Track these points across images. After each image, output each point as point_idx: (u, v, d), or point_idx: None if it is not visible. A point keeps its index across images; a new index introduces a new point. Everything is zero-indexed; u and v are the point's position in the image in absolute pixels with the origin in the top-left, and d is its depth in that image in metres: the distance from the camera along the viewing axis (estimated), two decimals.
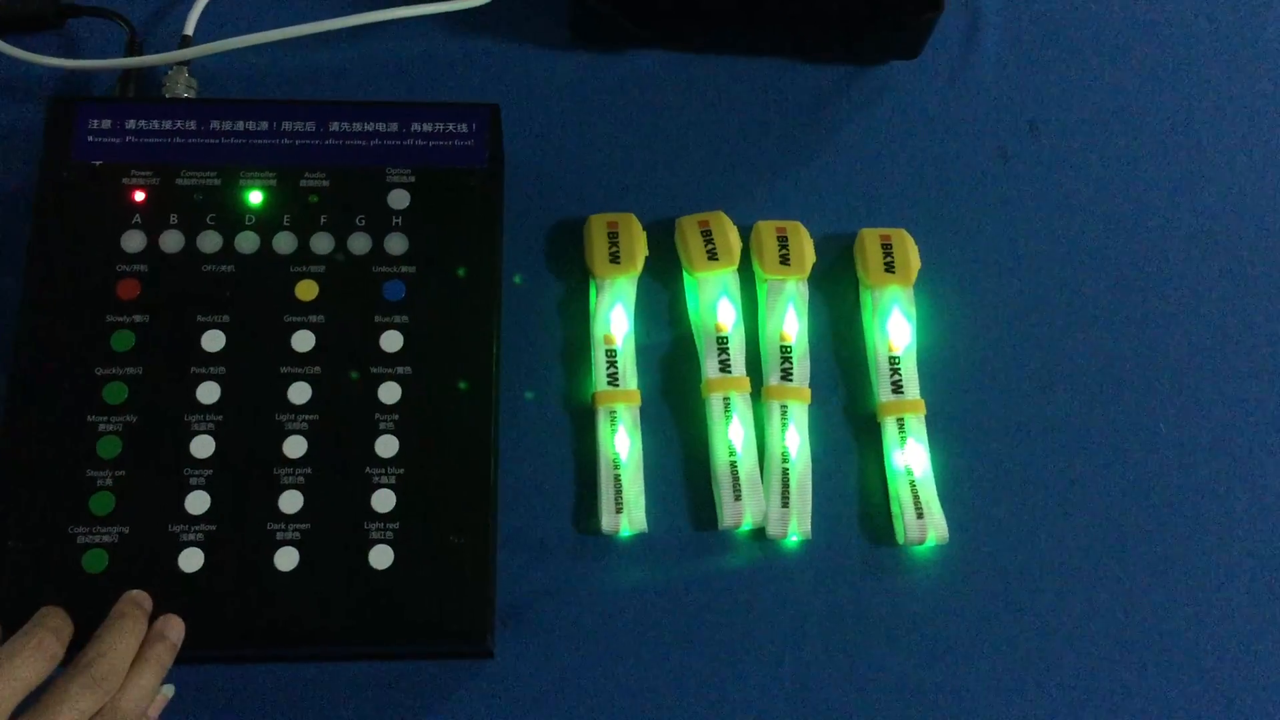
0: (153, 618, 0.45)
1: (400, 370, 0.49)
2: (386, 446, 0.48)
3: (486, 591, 0.46)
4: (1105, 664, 0.50)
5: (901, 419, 0.52)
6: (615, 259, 0.53)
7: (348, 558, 0.46)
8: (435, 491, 0.47)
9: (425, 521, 0.47)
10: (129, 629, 0.43)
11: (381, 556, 0.46)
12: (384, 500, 0.47)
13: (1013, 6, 0.61)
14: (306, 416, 0.48)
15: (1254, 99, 0.60)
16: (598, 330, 0.53)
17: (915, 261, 0.54)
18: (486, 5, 0.56)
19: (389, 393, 0.48)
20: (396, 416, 0.48)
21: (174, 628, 0.44)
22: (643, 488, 0.51)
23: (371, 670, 0.48)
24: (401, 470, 0.47)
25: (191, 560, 0.46)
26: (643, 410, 0.52)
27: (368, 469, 0.47)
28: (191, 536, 0.46)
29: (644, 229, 0.54)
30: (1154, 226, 0.57)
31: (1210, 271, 0.57)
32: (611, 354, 0.52)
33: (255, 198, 0.50)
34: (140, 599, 0.45)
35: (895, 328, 0.53)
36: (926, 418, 0.52)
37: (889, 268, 0.54)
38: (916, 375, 0.53)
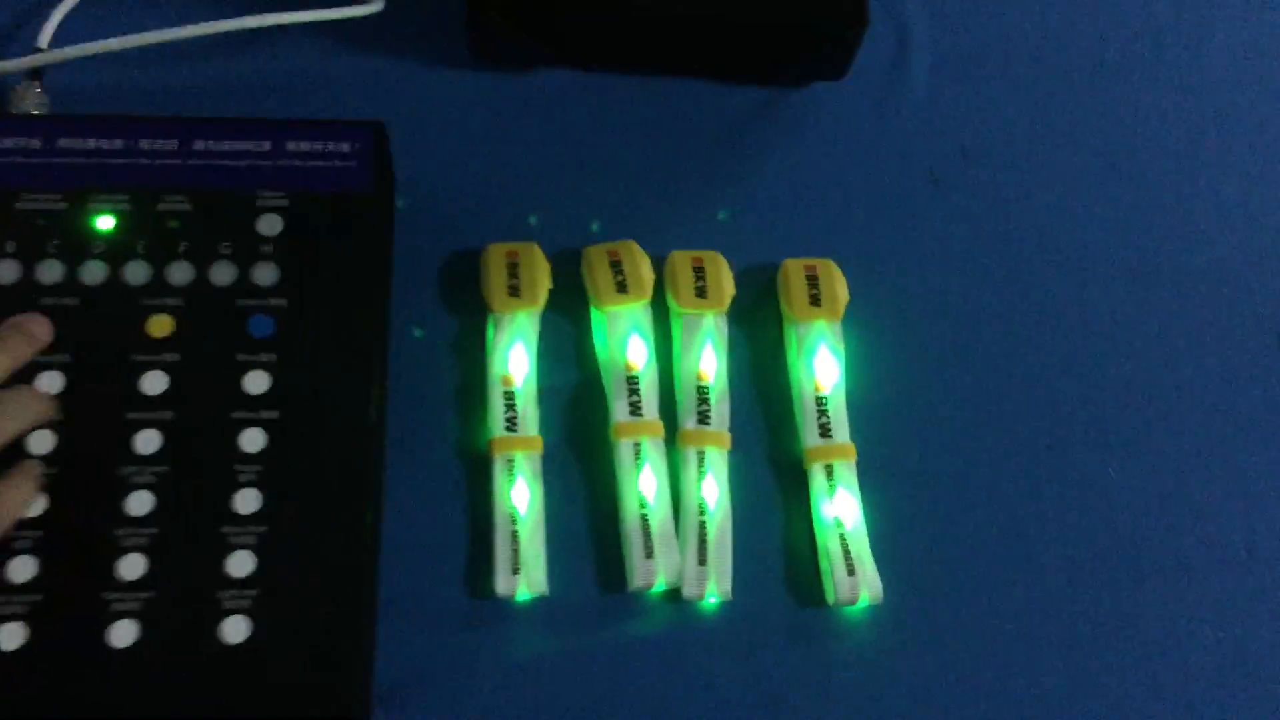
0: None
1: (265, 415, 0.43)
2: (246, 501, 0.42)
3: (362, 667, 0.41)
4: None
5: (830, 465, 0.48)
6: (515, 292, 0.49)
7: (197, 631, 0.40)
8: (303, 553, 0.42)
9: (290, 588, 0.41)
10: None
11: (236, 629, 0.40)
12: (241, 563, 0.41)
13: (943, 26, 0.58)
14: (154, 468, 0.42)
15: (1197, 124, 0.58)
16: (495, 370, 0.48)
17: (843, 294, 0.50)
18: (376, 15, 0.52)
19: (252, 440, 0.43)
20: (259, 467, 0.43)
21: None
22: (543, 545, 0.46)
23: None
24: (264, 528, 0.42)
25: (12, 637, 0.40)
26: (544, 458, 0.47)
27: (224, 528, 0.42)
28: (13, 609, 0.40)
29: (547, 259, 0.50)
30: (1094, 256, 0.54)
31: (1155, 304, 0.54)
32: (510, 396, 0.48)
33: (105, 223, 0.45)
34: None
35: (822, 365, 0.49)
36: (857, 464, 0.48)
37: (814, 300, 0.50)
38: (846, 417, 0.49)
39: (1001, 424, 0.50)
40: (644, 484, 0.47)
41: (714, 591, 0.46)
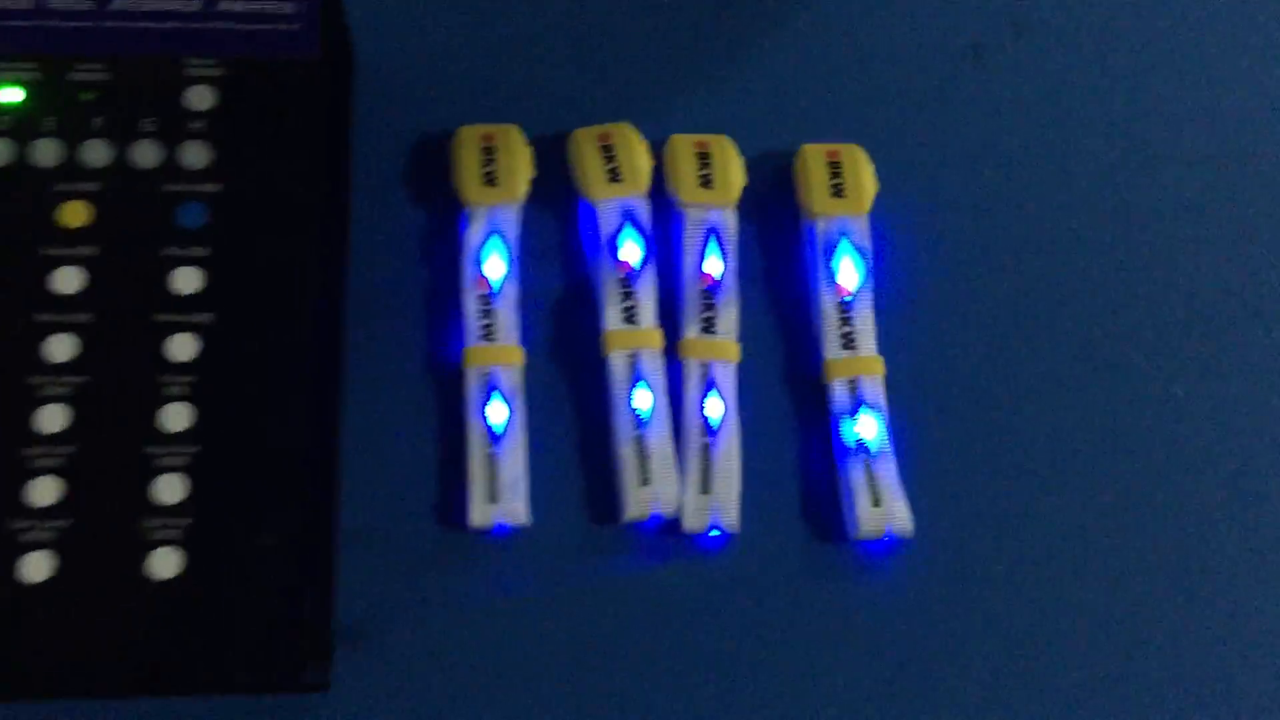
0: None
1: (198, 318, 0.38)
2: (175, 417, 0.37)
3: (320, 604, 0.37)
4: (1090, 675, 0.42)
5: (854, 381, 0.43)
6: (492, 181, 0.44)
7: (121, 564, 0.36)
8: (245, 476, 0.37)
9: (228, 516, 0.37)
10: None
11: (165, 562, 0.36)
12: (170, 488, 0.36)
13: None
14: (69, 378, 0.37)
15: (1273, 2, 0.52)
16: (469, 271, 0.43)
17: (870, 184, 0.45)
18: None
19: (182, 347, 0.38)
20: (191, 378, 0.38)
21: None
22: (525, 470, 0.41)
23: (170, 707, 0.38)
24: (197, 448, 0.37)
25: None
26: (526, 372, 0.43)
27: (149, 448, 0.37)
28: None
29: (529, 144, 0.45)
30: (1161, 144, 0.49)
31: (1231, 198, 0.48)
32: (486, 301, 0.43)
33: (9, 95, 0.40)
34: None
35: (846, 266, 0.44)
36: (885, 379, 0.44)
37: (838, 192, 0.45)
38: (873, 326, 0.44)
39: (1050, 335, 0.46)
40: (640, 400, 0.42)
41: (719, 523, 0.42)
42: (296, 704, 0.39)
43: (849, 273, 0.44)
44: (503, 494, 0.41)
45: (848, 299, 0.44)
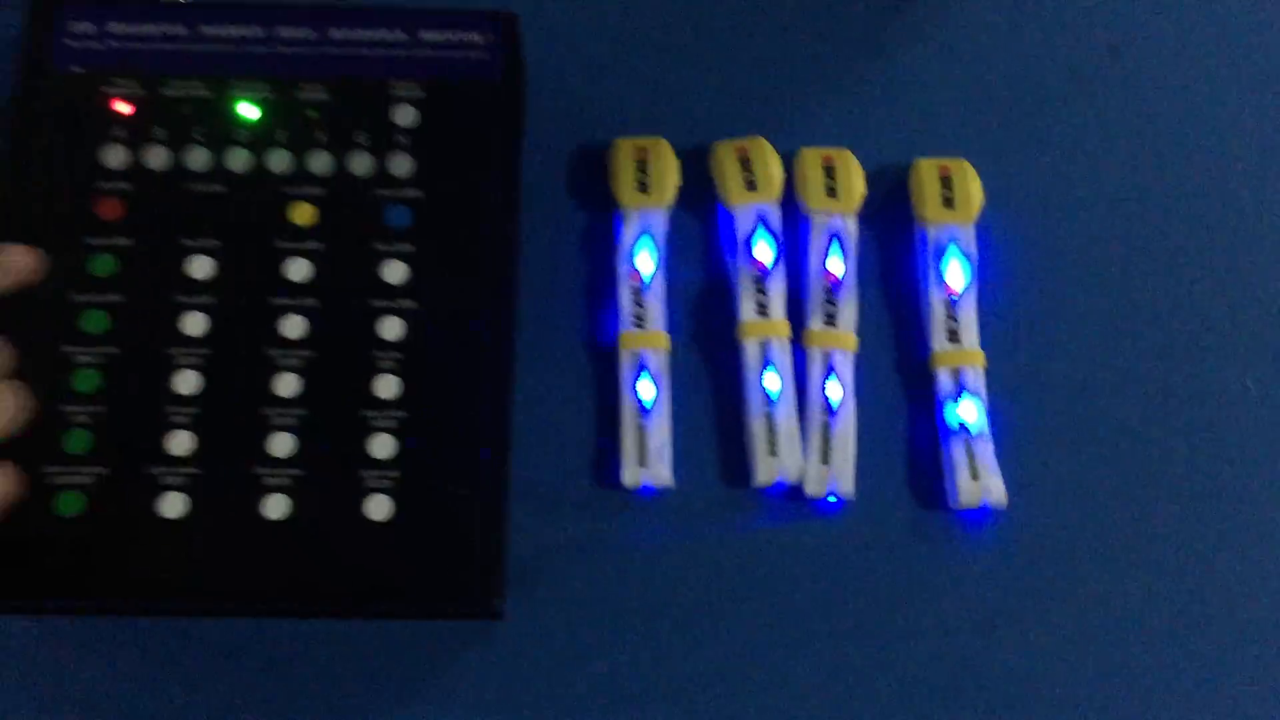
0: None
1: (404, 304, 0.44)
2: (387, 387, 0.43)
3: (497, 548, 0.43)
4: (1172, 645, 0.46)
5: (957, 370, 0.47)
6: (644, 188, 0.49)
7: (344, 507, 0.42)
8: (441, 437, 0.43)
9: (429, 470, 0.43)
10: None
11: (380, 507, 0.42)
12: (383, 445, 0.43)
13: None
14: (299, 353, 0.44)
15: None
16: (623, 266, 0.48)
17: (978, 196, 0.49)
18: None
19: (391, 328, 0.44)
20: (399, 354, 0.44)
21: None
22: (669, 439, 0.47)
23: (369, 629, 0.45)
24: (403, 413, 0.43)
25: (173, 505, 0.42)
26: (671, 355, 0.48)
27: (365, 411, 0.43)
28: (173, 480, 0.42)
29: (677, 155, 0.50)
30: (1249, 164, 0.52)
31: None
32: (638, 292, 0.48)
33: (248, 111, 0.46)
34: None
35: (953, 269, 0.48)
36: (986, 370, 0.48)
37: (948, 203, 0.49)
38: (976, 323, 0.48)
39: (1136, 334, 0.49)
40: (769, 382, 0.47)
41: (836, 490, 0.46)
42: (476, 629, 0.45)
43: (956, 275, 0.48)
44: (650, 459, 0.46)
45: (954, 298, 0.48)
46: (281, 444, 0.43)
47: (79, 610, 0.44)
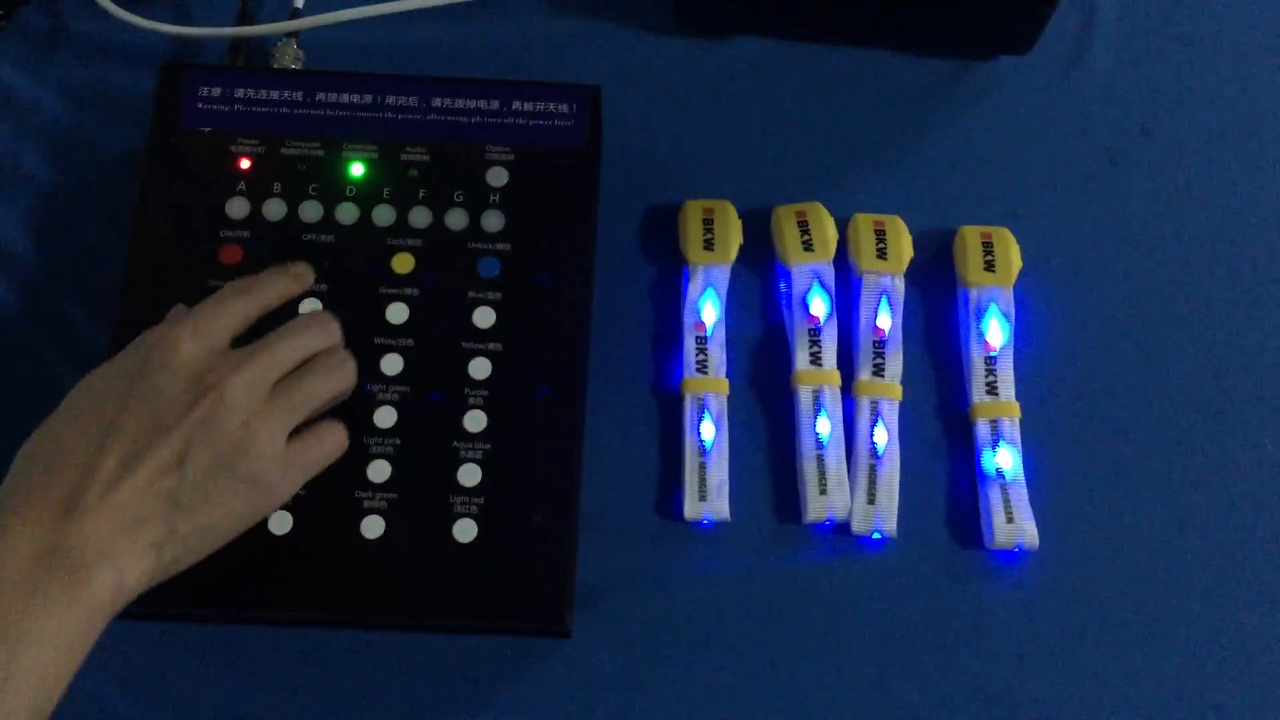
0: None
1: (492, 346, 0.49)
2: (475, 421, 0.48)
3: (567, 571, 0.47)
4: (1197, 687, 0.48)
5: (995, 421, 0.51)
6: (710, 246, 0.53)
7: (433, 529, 0.46)
8: (521, 469, 0.47)
9: (510, 498, 0.47)
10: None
11: (466, 530, 0.46)
12: (470, 474, 0.47)
13: (1128, 5, 0.59)
14: (398, 388, 0.48)
15: None
16: (689, 317, 0.52)
17: (1016, 261, 0.53)
18: None
19: (479, 369, 0.48)
20: (485, 392, 0.48)
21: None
22: (726, 476, 0.50)
23: (448, 643, 0.48)
24: (488, 446, 0.47)
25: (281, 524, 0.46)
26: (730, 399, 0.51)
27: (455, 443, 0.47)
28: (285, 503, 0.46)
29: (740, 217, 0.54)
30: (1269, 235, 0.55)
31: None
32: (702, 341, 0.52)
33: (357, 169, 0.51)
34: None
35: (992, 328, 0.52)
36: (1021, 421, 0.51)
37: (989, 266, 0.53)
38: (1012, 377, 0.52)
39: (1163, 392, 0.53)
40: (821, 427, 0.50)
41: (880, 528, 0.50)
42: (546, 646, 0.48)
43: (995, 333, 0.52)
44: (710, 495, 0.50)
45: (993, 354, 0.52)
46: (379, 471, 0.47)
47: (196, 619, 0.48)
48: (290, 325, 0.44)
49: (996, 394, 0.51)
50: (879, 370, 0.52)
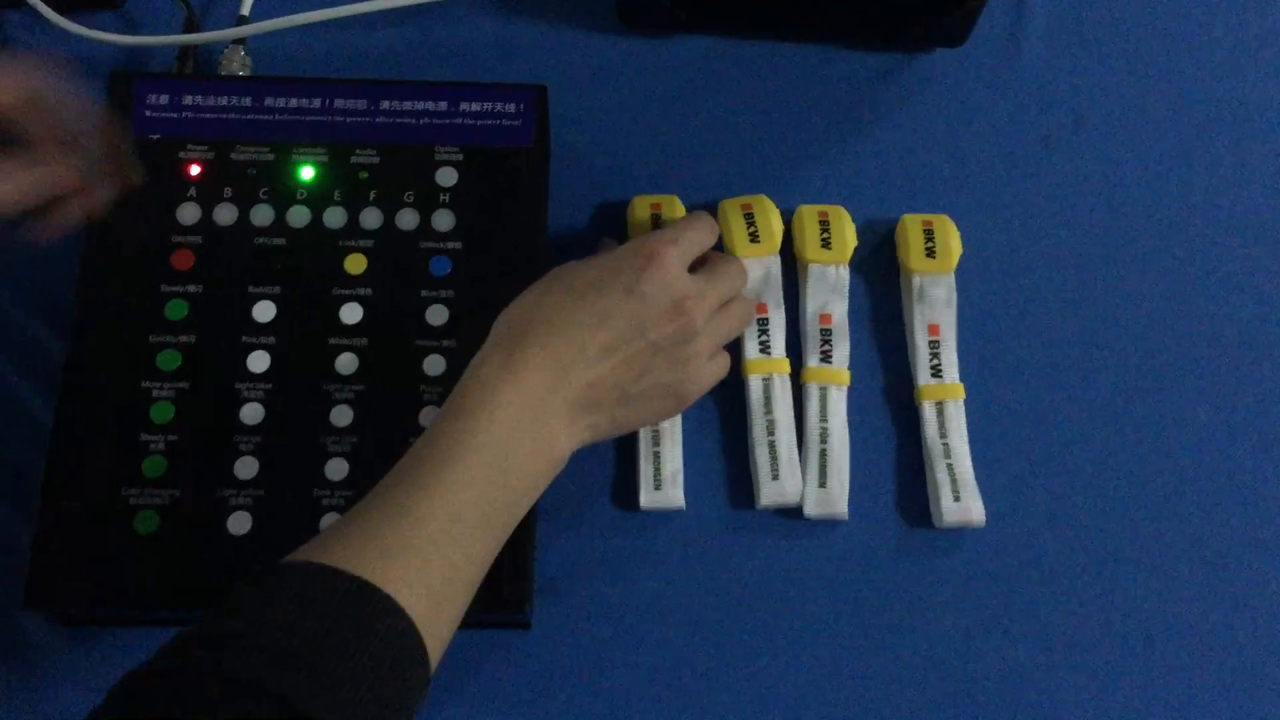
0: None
1: (445, 344, 0.50)
2: (430, 417, 0.48)
3: (526, 562, 0.47)
4: (1141, 649, 0.50)
5: (940, 403, 0.52)
6: None
7: None
8: None
9: None
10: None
11: None
12: None
13: None
14: (353, 387, 0.49)
15: None
16: None
17: (957, 247, 0.54)
18: None
19: (434, 365, 0.49)
20: (440, 389, 0.49)
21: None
22: (681, 465, 0.51)
23: None
24: None
25: (240, 523, 0.47)
26: None
27: (412, 439, 0.47)
28: (240, 500, 0.47)
29: (687, 210, 0.55)
30: (1198, 219, 0.57)
31: (1254, 264, 0.56)
32: None
33: (307, 173, 0.52)
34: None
35: (935, 312, 0.53)
36: (966, 402, 0.52)
37: (930, 253, 0.54)
38: (956, 360, 0.53)
39: (1101, 370, 0.54)
40: (772, 414, 0.52)
41: (833, 510, 0.51)
42: (506, 638, 0.49)
43: (938, 317, 0.53)
44: (664, 483, 0.51)
45: (935, 339, 0.53)
46: (337, 469, 0.48)
47: (150, 621, 0.49)
48: (726, 265, 0.49)
49: (941, 376, 0.53)
50: (826, 357, 0.53)
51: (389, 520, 0.40)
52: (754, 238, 0.54)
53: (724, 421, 0.53)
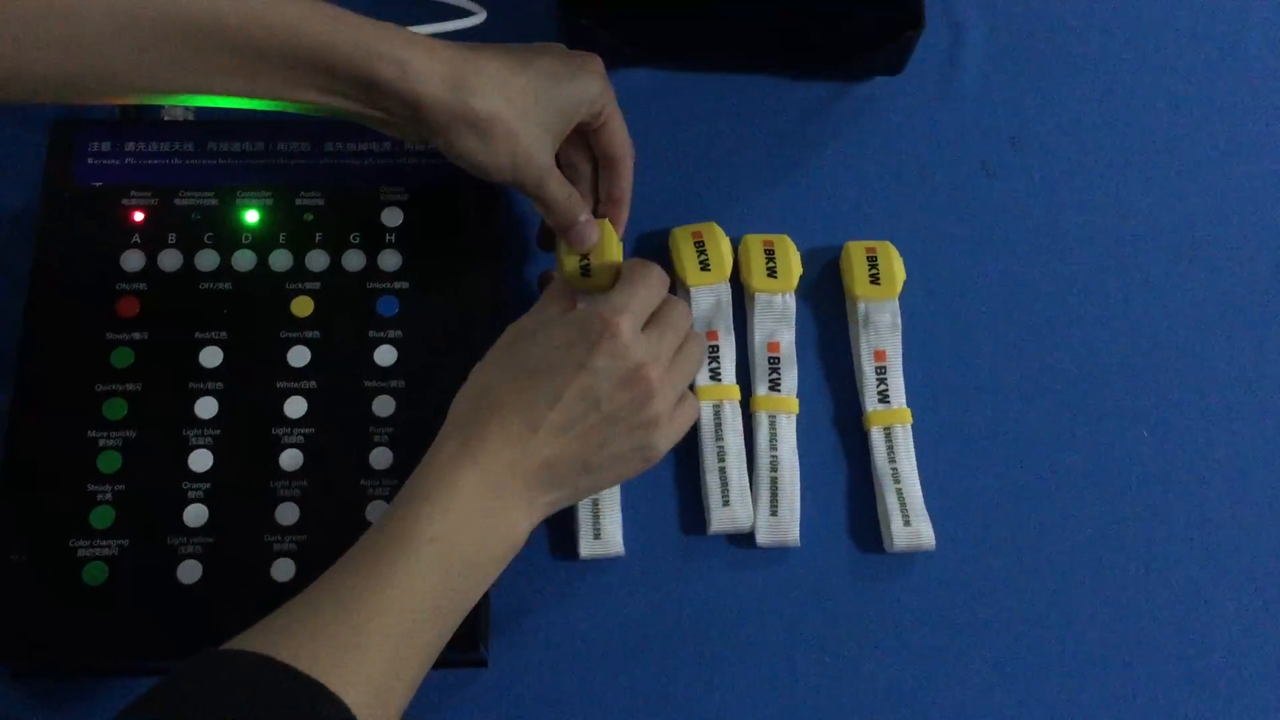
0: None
1: (394, 384, 0.50)
2: (381, 459, 0.49)
3: (482, 602, 0.46)
4: (1090, 667, 0.50)
5: (888, 428, 0.53)
6: (587, 272, 0.53)
7: None
8: None
9: None
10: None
11: None
12: (379, 512, 0.48)
13: (994, 24, 0.62)
14: (302, 430, 0.49)
15: (1236, 110, 0.61)
16: None
17: (900, 273, 0.55)
18: (479, 26, 0.57)
19: (383, 406, 0.49)
20: (391, 429, 0.49)
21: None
22: (619, 512, 0.51)
23: None
24: (396, 482, 0.48)
25: (190, 572, 0.47)
26: None
27: (363, 481, 0.48)
28: (190, 549, 0.47)
29: (638, 239, 0.55)
30: (1135, 239, 0.58)
31: (1192, 283, 0.58)
32: None
33: (252, 217, 0.52)
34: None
35: (881, 338, 0.54)
36: (914, 427, 0.53)
37: (874, 279, 0.55)
38: (903, 385, 0.54)
39: (1045, 391, 0.55)
40: (723, 440, 0.52)
41: (784, 538, 0.51)
42: (464, 677, 0.49)
43: (884, 342, 0.54)
44: (603, 531, 0.50)
45: (882, 365, 0.54)
46: (288, 513, 0.48)
47: (102, 672, 0.48)
48: (671, 312, 0.47)
49: (889, 402, 0.53)
50: (775, 385, 0.53)
51: (341, 612, 0.39)
52: (704, 265, 0.54)
53: (675, 449, 0.52)
